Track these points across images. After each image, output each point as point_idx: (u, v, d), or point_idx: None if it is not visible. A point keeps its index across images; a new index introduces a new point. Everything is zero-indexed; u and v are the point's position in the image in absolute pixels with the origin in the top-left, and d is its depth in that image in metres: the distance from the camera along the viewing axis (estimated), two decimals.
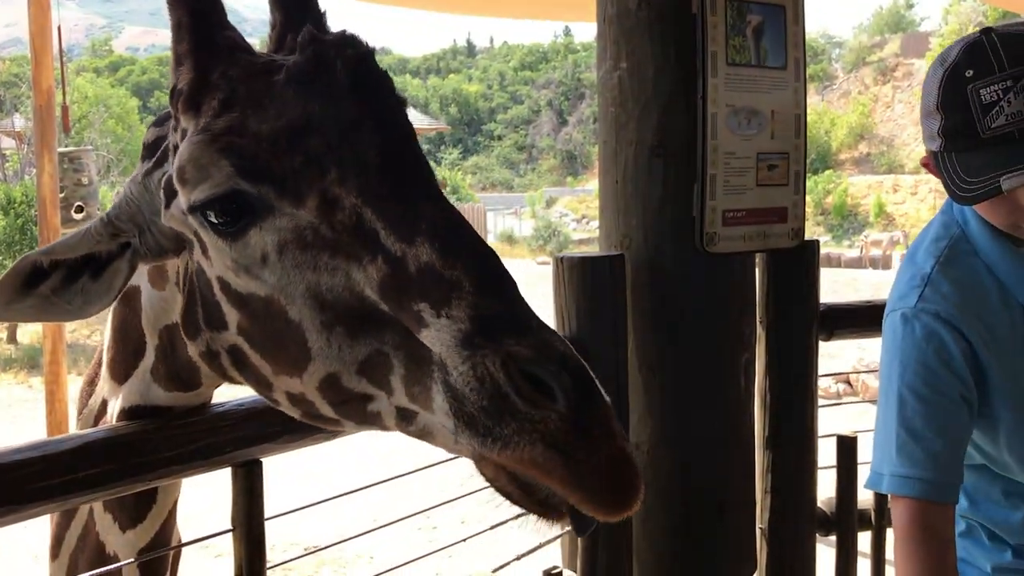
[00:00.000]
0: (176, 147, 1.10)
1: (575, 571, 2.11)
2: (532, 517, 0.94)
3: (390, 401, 0.99)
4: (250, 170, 1.00)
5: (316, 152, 0.99)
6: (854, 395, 10.46)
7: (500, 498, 0.94)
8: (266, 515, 1.58)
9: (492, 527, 2.06)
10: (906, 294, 1.63)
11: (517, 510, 0.95)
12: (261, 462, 1.57)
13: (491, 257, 0.96)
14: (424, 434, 0.99)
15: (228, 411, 1.51)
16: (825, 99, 48.96)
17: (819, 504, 2.60)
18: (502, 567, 1.95)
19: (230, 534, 1.56)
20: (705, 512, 2.33)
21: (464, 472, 0.97)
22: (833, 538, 2.62)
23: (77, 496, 1.34)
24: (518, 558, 2.20)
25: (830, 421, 2.76)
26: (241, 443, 1.52)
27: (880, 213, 39.27)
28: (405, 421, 1.00)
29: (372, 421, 1.04)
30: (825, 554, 2.65)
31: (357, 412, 1.04)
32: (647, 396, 2.24)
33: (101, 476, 1.34)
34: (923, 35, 52.36)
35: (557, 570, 2.03)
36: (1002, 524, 1.69)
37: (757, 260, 2.35)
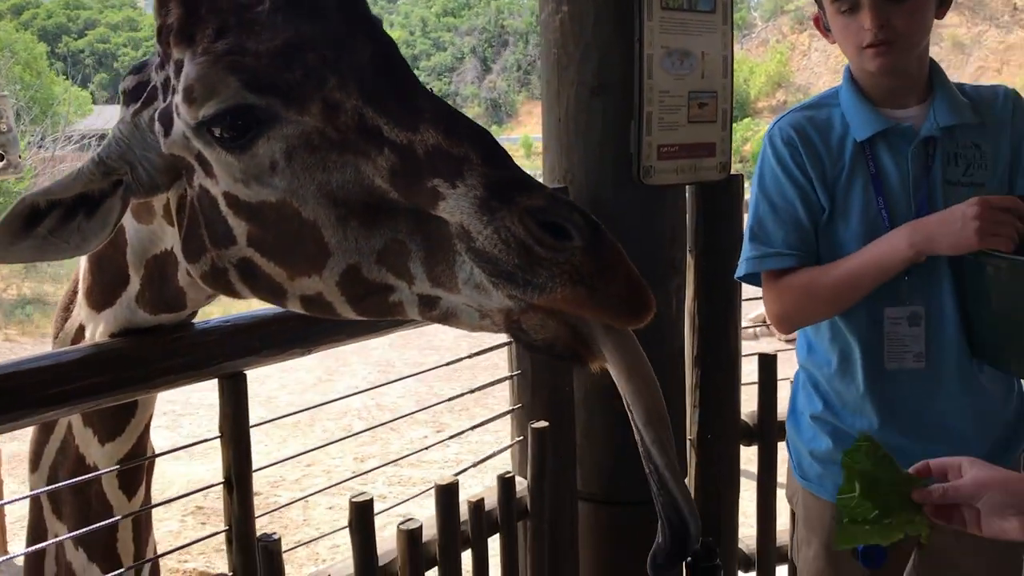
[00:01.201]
0: (167, 81, 1.17)
1: (525, 477, 2.30)
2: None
3: (412, 290, 1.07)
4: (255, 84, 1.07)
5: (314, 64, 1.07)
6: (770, 335, 10.92)
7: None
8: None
9: (449, 437, 2.24)
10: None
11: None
12: (245, 374, 1.70)
13: (489, 135, 1.06)
14: (447, 317, 1.08)
15: (214, 327, 1.62)
16: (744, 47, 49.67)
17: (743, 417, 2.84)
18: (462, 472, 2.13)
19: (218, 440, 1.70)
20: None
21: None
22: (756, 447, 2.87)
23: (83, 403, 1.45)
24: (474, 465, 2.39)
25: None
26: (227, 356, 1.65)
27: None
28: (428, 307, 1.08)
29: (394, 312, 1.11)
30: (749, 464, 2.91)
31: (378, 305, 1.11)
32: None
33: (105, 384, 1.46)
34: None
35: (510, 474, 2.21)
36: (824, 370, 1.89)
37: (687, 192, 2.54)
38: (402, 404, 8.98)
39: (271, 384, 10.26)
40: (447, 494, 2.04)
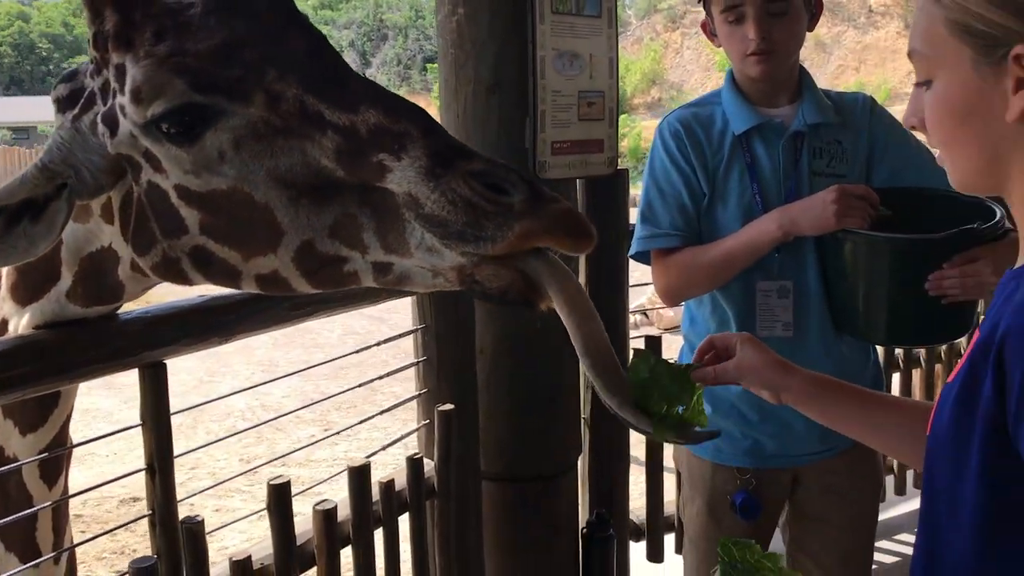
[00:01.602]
0: (106, 85, 1.22)
1: (432, 459, 2.42)
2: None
3: (365, 259, 1.15)
4: (200, 84, 1.14)
5: (252, 60, 1.15)
6: (650, 325, 11.31)
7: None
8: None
9: (360, 422, 2.33)
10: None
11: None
12: (165, 364, 1.75)
13: (424, 111, 1.15)
14: (401, 280, 1.16)
15: (135, 318, 1.67)
16: (619, 45, 50.78)
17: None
18: (373, 455, 2.22)
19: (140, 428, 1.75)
20: (541, 405, 2.69)
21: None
22: None
23: (7, 394, 1.48)
24: (384, 448, 2.48)
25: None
26: (148, 346, 1.70)
27: None
28: (382, 273, 1.16)
29: (349, 281, 1.18)
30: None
31: (333, 277, 1.18)
32: (489, 306, 2.56)
33: (30, 375, 1.49)
34: None
35: (419, 455, 2.32)
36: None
37: (578, 185, 2.70)
38: (287, 404, 8.89)
39: None
40: (359, 475, 2.14)
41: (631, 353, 2.90)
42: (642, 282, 3.04)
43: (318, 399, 2.49)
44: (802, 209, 1.82)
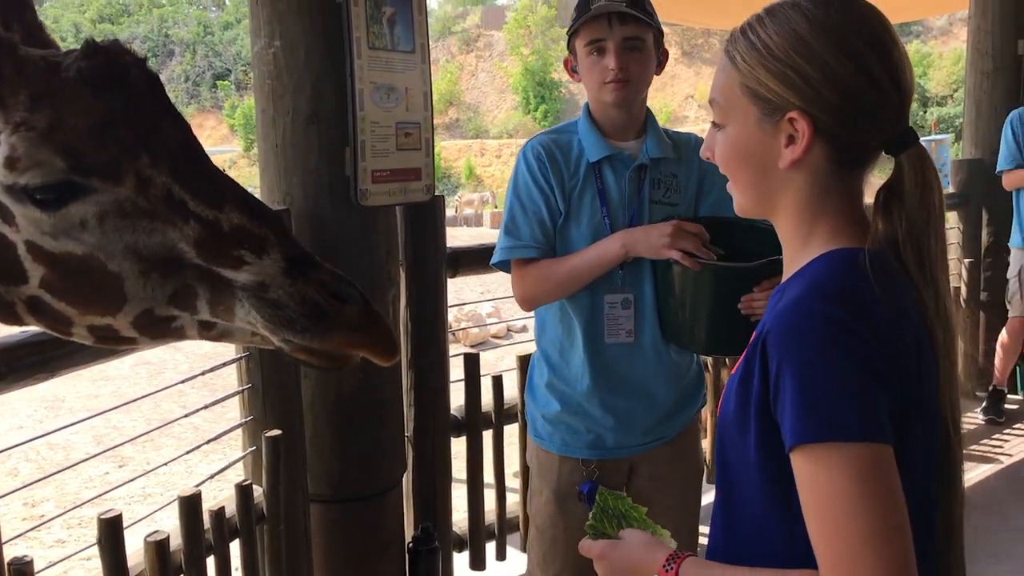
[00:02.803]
0: None
1: (260, 484, 2.44)
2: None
3: (193, 318, 1.21)
4: (80, 166, 1.15)
5: (129, 142, 1.17)
6: (457, 343, 11.52)
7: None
8: None
9: (186, 452, 2.32)
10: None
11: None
12: None
13: (281, 220, 1.25)
14: (223, 336, 1.24)
15: None
16: None
17: (452, 411, 3.16)
18: (201, 484, 2.22)
19: None
20: (366, 426, 2.76)
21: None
22: (464, 437, 3.20)
23: None
24: (211, 477, 2.47)
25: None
26: None
27: (471, 175, 42.23)
28: (206, 330, 1.23)
29: (175, 335, 1.24)
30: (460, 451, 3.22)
31: (161, 331, 1.24)
32: None
33: None
34: (500, 9, 56.60)
35: (247, 482, 2.34)
36: (554, 344, 2.28)
37: (398, 211, 2.81)
38: (75, 441, 8.36)
39: None
40: (190, 504, 2.14)
41: (449, 364, 3.05)
42: (451, 303, 3.19)
43: (109, 436, 2.43)
44: (643, 234, 2.06)
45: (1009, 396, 5.27)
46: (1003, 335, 4.93)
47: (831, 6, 1.13)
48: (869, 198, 1.17)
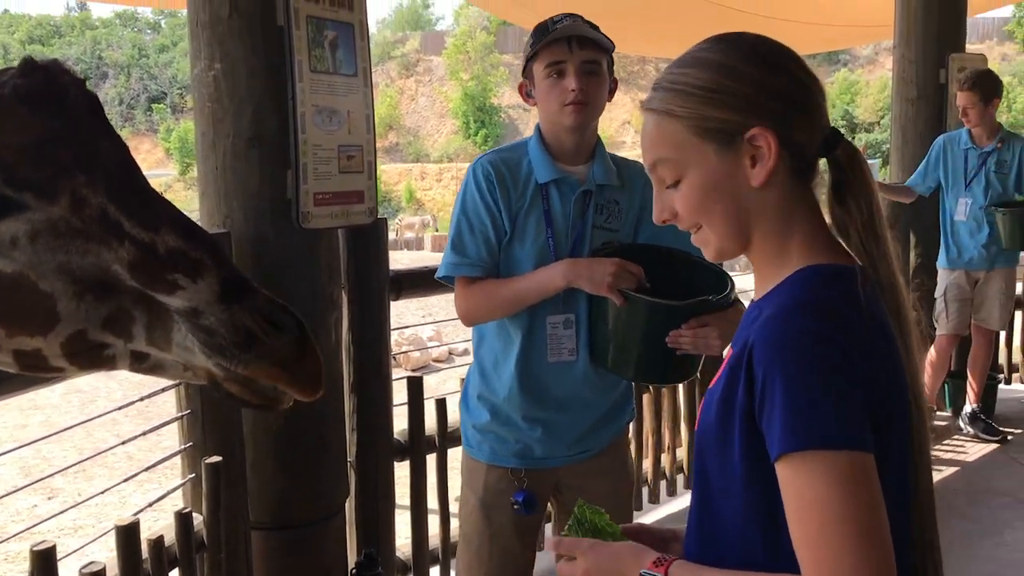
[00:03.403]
0: None
1: (200, 512, 2.40)
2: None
3: (127, 346, 1.18)
4: (14, 180, 1.13)
5: (65, 161, 1.15)
6: (399, 367, 11.45)
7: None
8: None
9: (123, 481, 2.27)
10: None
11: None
12: None
13: (219, 245, 1.22)
14: (154, 369, 1.21)
15: None
16: None
17: (395, 435, 3.14)
18: (139, 512, 2.18)
19: None
20: (308, 451, 2.73)
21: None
22: (407, 462, 3.18)
23: None
24: (150, 505, 2.42)
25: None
26: None
27: (411, 199, 42.15)
28: (138, 361, 1.20)
29: (105, 364, 1.21)
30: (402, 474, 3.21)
31: (91, 359, 1.20)
32: None
33: None
34: (439, 34, 56.80)
35: (187, 510, 2.30)
36: (489, 357, 2.31)
37: (340, 234, 2.80)
38: (1, 473, 8.08)
39: None
40: (128, 534, 2.09)
41: (392, 387, 3.03)
42: (392, 327, 3.18)
43: (39, 467, 2.37)
44: (586, 269, 2.10)
45: (938, 413, 5.43)
46: (931, 353, 5.08)
47: (734, 39, 1.20)
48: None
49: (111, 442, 2.88)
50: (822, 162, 1.21)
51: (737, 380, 1.11)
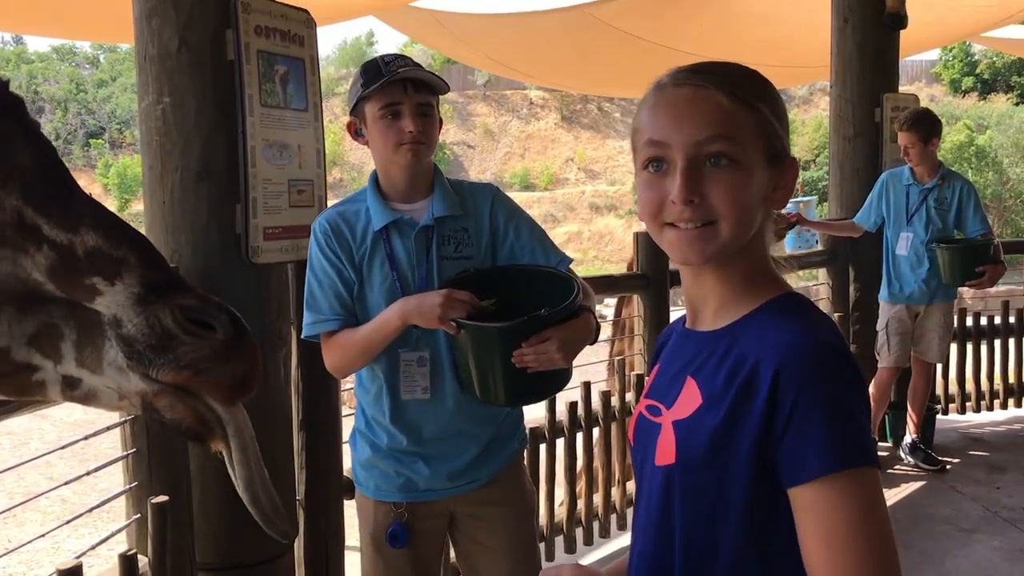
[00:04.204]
0: None
1: (146, 554, 2.33)
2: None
3: (56, 370, 1.10)
4: None
5: None
6: (346, 404, 11.30)
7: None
8: None
9: (70, 520, 2.20)
10: None
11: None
12: None
13: (148, 242, 1.14)
14: (88, 398, 1.12)
15: None
16: None
17: (345, 473, 3.09)
18: (83, 554, 2.11)
19: None
20: None
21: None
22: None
23: None
24: (94, 547, 2.34)
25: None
26: None
27: None
28: (70, 388, 1.12)
29: (35, 391, 1.12)
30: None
31: (19, 385, 1.12)
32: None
33: None
34: None
35: (132, 551, 2.23)
36: (366, 398, 2.30)
37: (289, 268, 2.77)
38: None
39: None
40: None
41: (342, 424, 2.99)
42: None
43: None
44: (417, 304, 2.12)
45: (879, 443, 5.54)
46: (872, 386, 5.19)
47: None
48: None
49: (44, 485, 2.78)
50: None
51: (748, 409, 1.09)
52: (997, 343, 6.21)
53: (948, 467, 5.23)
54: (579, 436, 4.00)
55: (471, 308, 2.08)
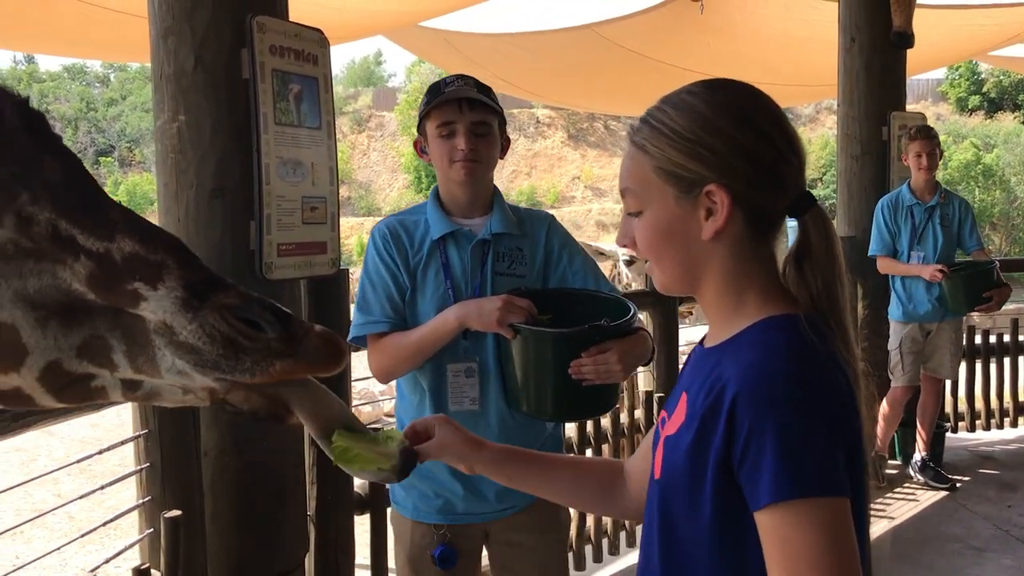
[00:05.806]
0: None
1: (159, 569, 2.34)
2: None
3: (114, 376, 1.11)
4: None
5: (4, 181, 1.10)
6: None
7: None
8: None
9: (80, 536, 2.21)
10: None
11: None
12: None
13: (182, 242, 1.14)
14: (151, 396, 1.13)
15: None
16: None
17: (355, 489, 3.11)
18: (96, 568, 2.12)
19: None
20: (267, 505, 2.69)
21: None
22: (368, 515, 3.15)
23: None
24: (107, 561, 2.36)
25: None
26: None
27: (363, 252, 42.00)
28: (131, 390, 1.13)
29: (97, 396, 1.13)
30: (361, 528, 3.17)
31: (80, 392, 1.13)
32: (213, 408, 2.56)
33: None
34: (391, 90, 57.17)
35: (145, 566, 2.24)
36: (409, 411, 2.32)
37: (302, 284, 2.80)
38: None
39: None
40: None
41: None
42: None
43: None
44: (476, 307, 2.15)
45: (889, 461, 5.52)
46: (884, 405, 5.18)
47: (724, 89, 1.22)
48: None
49: (51, 502, 2.78)
50: None
51: (713, 429, 1.10)
52: (1006, 361, 6.20)
53: (958, 485, 5.21)
54: (588, 453, 4.00)
55: (528, 316, 2.09)
